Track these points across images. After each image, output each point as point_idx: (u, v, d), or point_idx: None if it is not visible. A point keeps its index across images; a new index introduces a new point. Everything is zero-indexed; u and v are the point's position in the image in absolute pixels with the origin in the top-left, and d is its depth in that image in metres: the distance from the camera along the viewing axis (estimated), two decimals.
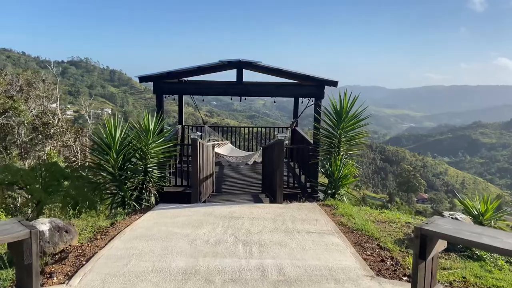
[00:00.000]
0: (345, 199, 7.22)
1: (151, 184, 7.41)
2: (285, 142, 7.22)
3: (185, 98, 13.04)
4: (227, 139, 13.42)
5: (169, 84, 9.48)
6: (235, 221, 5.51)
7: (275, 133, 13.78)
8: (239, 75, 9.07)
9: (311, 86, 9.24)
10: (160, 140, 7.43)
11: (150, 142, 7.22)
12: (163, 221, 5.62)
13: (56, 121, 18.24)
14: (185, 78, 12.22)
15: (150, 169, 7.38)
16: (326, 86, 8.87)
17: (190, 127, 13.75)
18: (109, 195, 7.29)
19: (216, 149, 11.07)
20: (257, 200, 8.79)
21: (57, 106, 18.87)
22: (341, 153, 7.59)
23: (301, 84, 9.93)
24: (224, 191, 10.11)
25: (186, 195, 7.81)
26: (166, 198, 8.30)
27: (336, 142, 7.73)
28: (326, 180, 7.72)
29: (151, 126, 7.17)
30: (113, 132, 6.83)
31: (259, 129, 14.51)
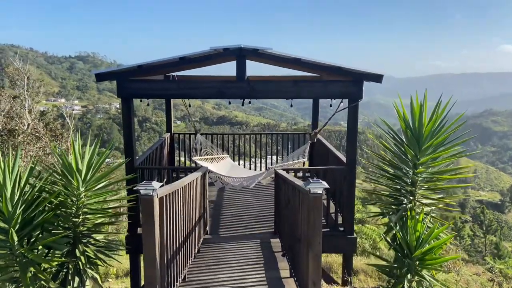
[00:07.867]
0: None
1: (82, 265, 4.11)
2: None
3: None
4: (228, 146, 10.48)
5: (140, 83, 6.28)
6: None
7: (288, 145, 10.62)
8: (241, 68, 5.95)
9: (344, 82, 6.14)
10: (104, 185, 4.25)
11: (81, 190, 4.05)
12: None
13: (26, 127, 15.23)
14: (171, 74, 9.25)
15: (83, 236, 4.23)
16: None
17: (182, 134, 10.74)
18: None
19: (210, 167, 8.08)
20: (268, 256, 5.84)
21: (25, 109, 15.71)
22: (416, 203, 4.33)
23: (328, 80, 6.89)
24: (223, 231, 7.12)
25: None
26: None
27: (409, 185, 4.52)
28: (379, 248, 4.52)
29: (81, 165, 3.93)
30: (1, 180, 3.63)
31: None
